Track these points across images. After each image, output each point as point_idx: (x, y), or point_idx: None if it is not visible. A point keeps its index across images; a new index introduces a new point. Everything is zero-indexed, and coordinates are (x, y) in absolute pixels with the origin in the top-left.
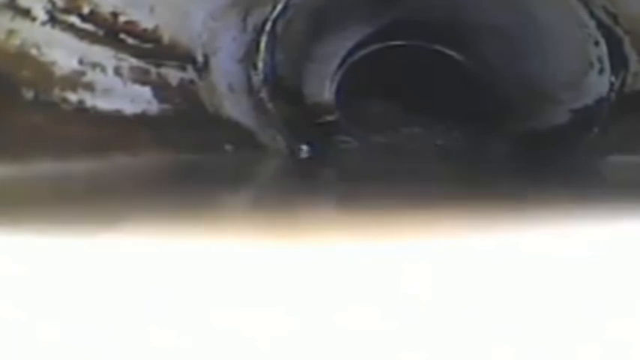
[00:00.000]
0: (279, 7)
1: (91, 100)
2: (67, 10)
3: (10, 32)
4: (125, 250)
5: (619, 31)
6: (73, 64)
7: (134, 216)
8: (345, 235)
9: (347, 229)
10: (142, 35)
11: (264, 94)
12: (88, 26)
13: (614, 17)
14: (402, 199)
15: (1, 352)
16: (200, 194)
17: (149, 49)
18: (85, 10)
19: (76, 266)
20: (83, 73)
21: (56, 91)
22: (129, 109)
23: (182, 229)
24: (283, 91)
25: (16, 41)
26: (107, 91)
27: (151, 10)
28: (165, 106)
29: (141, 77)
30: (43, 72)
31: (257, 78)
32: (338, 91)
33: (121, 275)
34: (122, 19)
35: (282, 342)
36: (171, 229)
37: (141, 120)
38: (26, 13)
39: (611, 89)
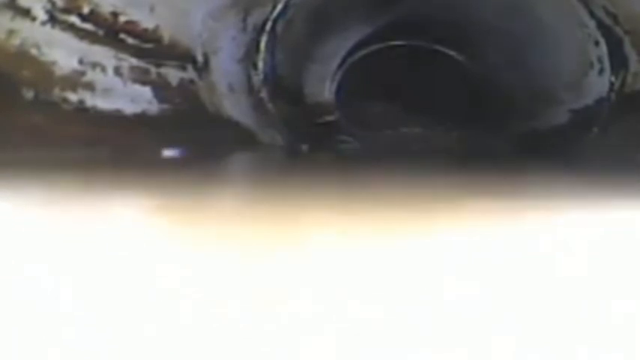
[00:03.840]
0: (279, 7)
1: (91, 100)
2: (67, 10)
3: (10, 32)
4: (120, 237)
5: (619, 31)
6: (73, 63)
7: (129, 206)
8: (347, 229)
9: (347, 223)
10: (142, 35)
11: (264, 94)
12: (88, 26)
13: (614, 17)
14: (402, 195)
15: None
16: (199, 190)
17: (149, 49)
18: (85, 10)
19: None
20: (83, 73)
21: (56, 91)
22: (129, 108)
23: (182, 217)
24: (283, 91)
25: (16, 41)
26: (107, 91)
27: (151, 10)
28: (165, 106)
29: (141, 77)
30: (43, 72)
31: (257, 78)
32: (338, 91)
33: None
34: (122, 19)
35: (285, 332)
36: (171, 217)
37: (141, 120)
38: (26, 13)
39: (611, 89)
